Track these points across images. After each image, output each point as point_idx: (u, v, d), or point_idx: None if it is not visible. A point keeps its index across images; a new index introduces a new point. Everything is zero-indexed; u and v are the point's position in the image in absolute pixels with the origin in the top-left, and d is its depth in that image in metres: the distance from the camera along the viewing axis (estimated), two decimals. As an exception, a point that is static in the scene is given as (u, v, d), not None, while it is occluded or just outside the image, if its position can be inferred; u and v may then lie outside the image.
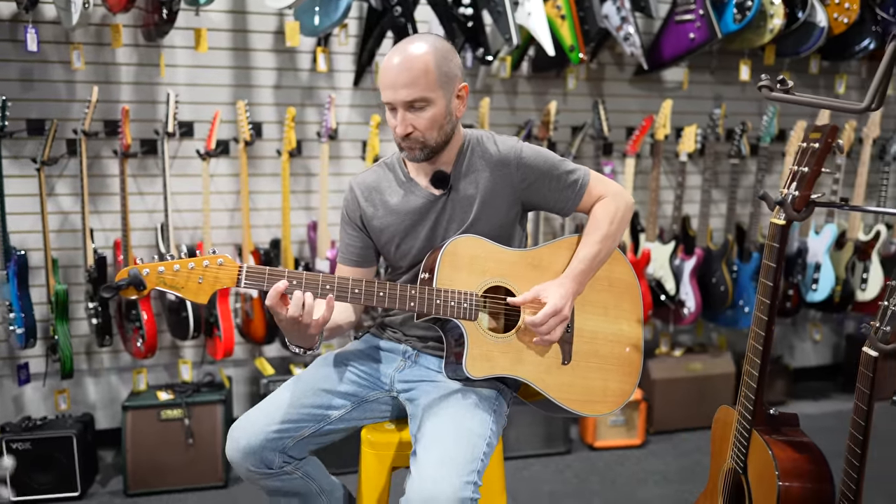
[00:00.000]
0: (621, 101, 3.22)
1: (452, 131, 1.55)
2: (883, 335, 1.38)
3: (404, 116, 1.48)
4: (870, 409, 1.39)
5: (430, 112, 1.48)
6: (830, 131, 1.20)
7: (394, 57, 1.48)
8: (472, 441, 1.40)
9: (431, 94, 1.47)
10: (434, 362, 1.63)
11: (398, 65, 1.46)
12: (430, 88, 1.46)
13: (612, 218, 1.60)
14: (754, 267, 3.15)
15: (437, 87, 1.47)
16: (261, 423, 1.51)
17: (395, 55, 1.48)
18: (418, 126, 1.49)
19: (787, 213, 1.26)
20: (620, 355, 1.64)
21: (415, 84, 1.45)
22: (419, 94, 1.46)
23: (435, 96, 1.47)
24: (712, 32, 2.87)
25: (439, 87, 1.48)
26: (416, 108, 1.48)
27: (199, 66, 2.79)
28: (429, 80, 1.46)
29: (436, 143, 1.52)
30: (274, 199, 2.92)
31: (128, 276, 1.31)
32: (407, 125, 1.49)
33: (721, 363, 3.18)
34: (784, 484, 1.23)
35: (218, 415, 2.66)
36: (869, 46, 3.06)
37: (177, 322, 2.67)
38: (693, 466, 2.84)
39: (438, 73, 1.47)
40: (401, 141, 1.52)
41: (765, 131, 3.15)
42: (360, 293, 1.43)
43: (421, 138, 1.50)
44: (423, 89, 1.46)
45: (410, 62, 1.46)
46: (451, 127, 1.54)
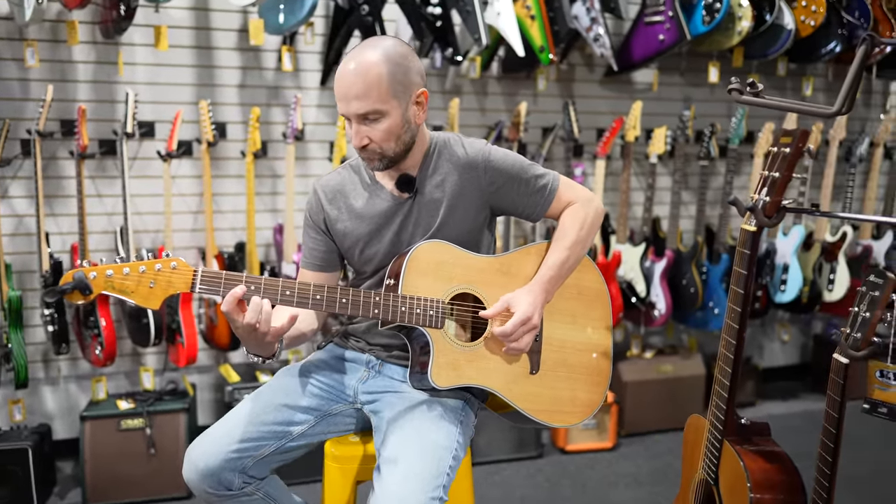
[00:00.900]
0: (591, 102, 3.20)
1: (412, 139, 1.50)
2: (854, 342, 1.37)
3: (359, 129, 1.44)
4: (841, 416, 1.38)
5: (384, 124, 1.43)
6: (801, 136, 1.18)
7: (348, 65, 1.42)
8: (437, 454, 1.35)
9: (384, 106, 1.41)
10: (399, 372, 1.58)
11: (350, 75, 1.40)
12: (383, 100, 1.41)
13: (581, 224, 1.57)
14: (724, 268, 3.16)
15: (391, 97, 1.42)
16: (219, 443, 1.45)
17: (349, 63, 1.42)
18: (374, 138, 1.44)
19: (758, 220, 1.24)
20: (589, 364, 1.61)
21: (366, 96, 1.40)
22: (371, 106, 1.41)
23: (388, 107, 1.42)
24: (682, 34, 2.86)
25: (393, 97, 1.42)
26: (371, 119, 1.43)
27: (160, 64, 2.70)
28: (381, 92, 1.40)
29: (394, 153, 1.47)
30: (238, 202, 2.85)
31: (72, 279, 1.24)
32: (362, 137, 1.44)
33: (691, 365, 3.18)
34: (756, 496, 1.21)
35: (181, 424, 2.59)
36: (835, 49, 3.08)
37: (137, 328, 2.59)
38: (665, 468, 2.83)
39: (392, 83, 1.41)
40: (359, 152, 1.48)
41: (733, 133, 3.16)
42: (322, 299, 1.37)
43: (378, 149, 1.46)
44: (375, 101, 1.40)
45: (362, 73, 1.40)
46: (411, 135, 1.49)
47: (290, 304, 1.36)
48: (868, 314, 1.35)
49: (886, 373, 1.35)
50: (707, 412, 1.37)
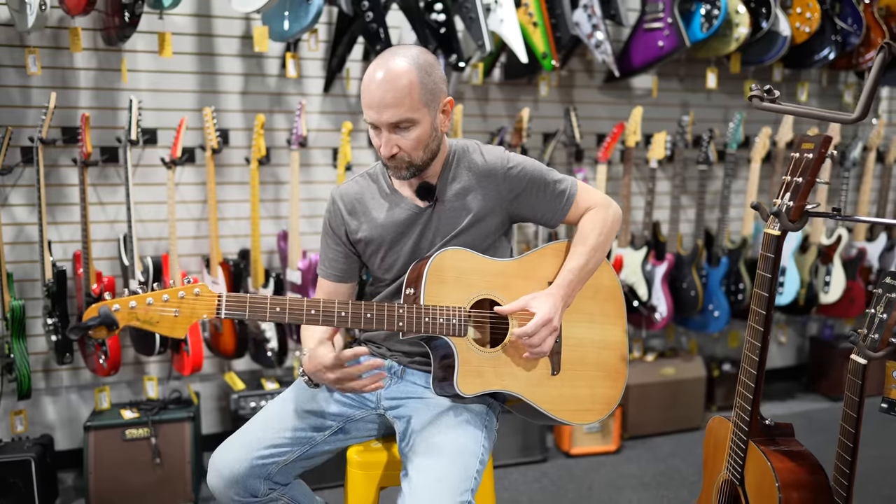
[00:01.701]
0: (591, 107, 3.23)
1: (438, 147, 1.51)
2: (871, 342, 1.39)
3: (389, 138, 1.43)
4: (859, 415, 1.40)
5: (415, 132, 1.43)
6: (824, 142, 1.20)
7: (376, 73, 1.41)
8: (465, 459, 1.36)
9: (416, 115, 1.42)
10: (421, 377, 1.59)
11: (381, 84, 1.40)
12: (415, 108, 1.41)
13: (601, 229, 1.59)
14: (723, 272, 3.20)
15: (422, 105, 1.42)
16: (244, 449, 1.45)
17: (377, 71, 1.41)
18: (403, 147, 1.44)
19: (782, 224, 1.26)
20: (607, 362, 1.63)
21: (399, 105, 1.40)
22: (403, 115, 1.41)
23: (419, 116, 1.42)
24: (681, 40, 2.90)
25: (424, 105, 1.42)
26: (402, 128, 1.43)
27: (162, 71, 2.69)
28: (413, 100, 1.40)
29: (422, 161, 1.48)
30: (241, 209, 2.84)
31: (98, 314, 1.22)
32: (392, 146, 1.44)
33: (692, 367, 3.21)
34: (785, 496, 1.23)
35: (187, 432, 2.57)
36: (829, 55, 3.14)
37: (142, 338, 2.57)
38: (669, 471, 2.86)
39: (423, 92, 1.42)
40: (386, 161, 1.48)
41: (731, 138, 3.20)
42: (347, 316, 1.37)
43: (407, 158, 1.46)
44: (408, 110, 1.40)
45: (393, 81, 1.39)
46: (437, 143, 1.50)
47: (315, 322, 1.36)
48: (885, 315, 1.37)
49: (904, 373, 1.37)
50: (731, 414, 1.39)
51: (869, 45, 3.23)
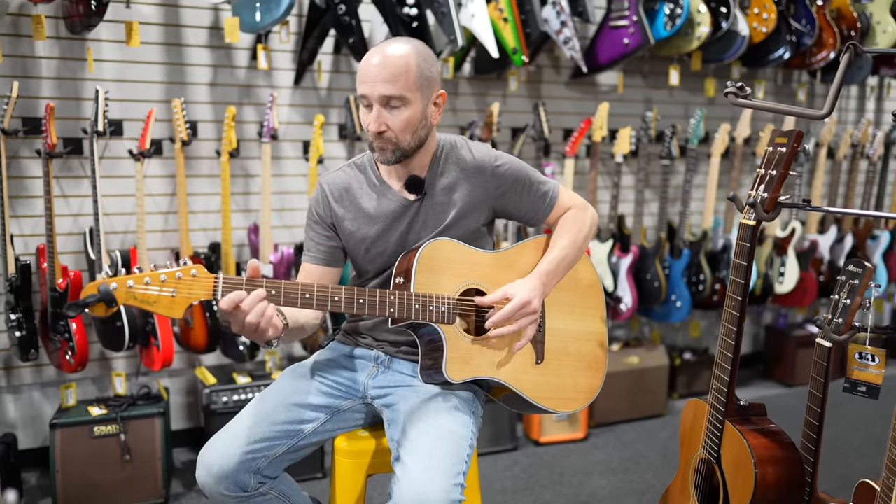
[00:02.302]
0: (558, 103, 3.29)
1: (426, 137, 1.54)
2: (836, 327, 1.47)
3: (379, 113, 1.46)
4: (824, 395, 1.49)
5: (406, 113, 1.47)
6: (796, 137, 1.27)
7: (375, 54, 1.46)
8: (456, 444, 1.39)
9: (409, 94, 1.46)
10: (408, 367, 1.61)
11: (379, 60, 1.45)
12: (409, 88, 1.45)
13: (579, 227, 1.64)
14: (685, 263, 3.30)
15: (416, 88, 1.46)
16: (233, 445, 1.45)
17: (378, 52, 1.46)
18: (392, 125, 1.47)
19: (757, 214, 1.32)
20: (588, 352, 1.68)
21: (394, 81, 1.44)
22: (397, 91, 1.44)
23: (412, 97, 1.46)
24: (645, 38, 2.98)
25: (418, 88, 1.46)
26: (393, 106, 1.46)
27: (128, 61, 2.64)
28: (408, 80, 1.45)
29: (408, 146, 1.50)
30: (210, 202, 2.81)
31: (97, 291, 1.21)
32: (381, 123, 1.47)
33: (656, 356, 3.31)
34: (761, 471, 1.29)
35: (157, 428, 2.53)
36: (784, 55, 3.27)
37: (111, 332, 2.52)
38: (635, 456, 2.94)
39: (419, 75, 1.46)
40: (373, 139, 1.50)
41: (692, 134, 3.31)
42: (340, 301, 1.39)
43: (394, 139, 1.48)
44: (402, 88, 1.44)
45: (392, 59, 1.44)
46: (426, 132, 1.53)
47: (310, 306, 1.36)
48: (848, 301, 1.46)
49: (865, 354, 1.46)
50: (708, 396, 1.45)
51: (821, 46, 3.37)
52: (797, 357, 3.67)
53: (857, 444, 3.01)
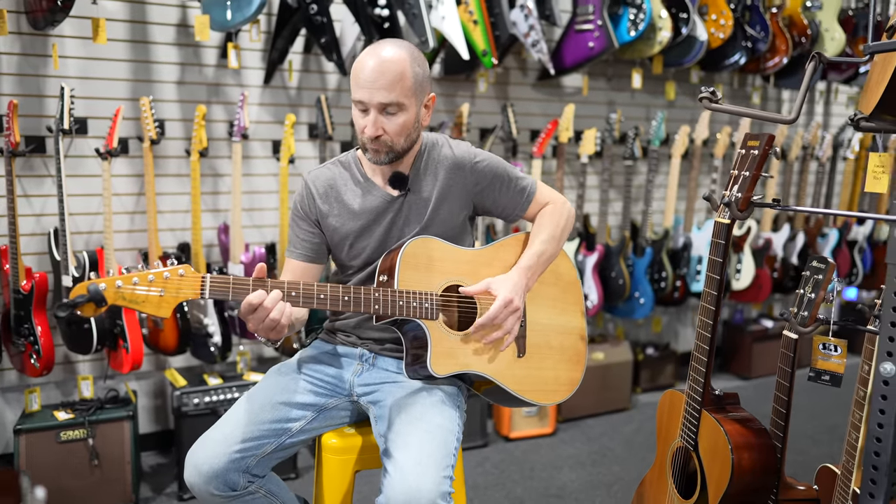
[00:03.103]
0: (525, 104, 3.35)
1: (417, 138, 1.57)
2: (801, 319, 1.56)
3: (376, 119, 1.48)
4: (791, 384, 1.57)
5: (402, 118, 1.49)
6: (768, 140, 1.34)
7: (370, 57, 1.47)
8: (444, 438, 1.42)
9: (405, 101, 1.48)
10: (392, 364, 1.63)
11: (376, 66, 1.46)
12: (406, 94, 1.48)
13: (557, 222, 1.69)
14: (648, 261, 3.40)
15: (412, 94, 1.49)
16: (222, 444, 1.45)
17: (372, 55, 1.47)
18: (388, 130, 1.49)
19: (732, 213, 1.39)
20: (568, 345, 1.73)
21: (392, 88, 1.46)
22: (395, 98, 1.47)
23: (408, 103, 1.49)
24: (610, 42, 3.06)
25: (413, 94, 1.49)
26: (390, 112, 1.48)
27: (92, 58, 2.59)
28: (405, 87, 1.47)
29: (401, 148, 1.54)
30: (178, 201, 2.77)
31: (87, 292, 1.20)
32: (378, 128, 1.49)
33: (620, 352, 3.39)
34: (737, 456, 1.36)
35: (126, 432, 2.49)
36: (740, 60, 3.39)
37: (77, 335, 2.47)
38: (602, 450, 3.02)
39: (414, 81, 1.48)
40: (368, 142, 1.52)
41: (654, 135, 3.41)
42: (326, 298, 1.40)
43: (389, 142, 1.51)
44: (400, 94, 1.47)
45: (389, 64, 1.46)
46: (417, 134, 1.57)
47: (296, 304, 1.38)
48: (813, 295, 1.54)
49: (828, 345, 1.54)
50: (685, 386, 1.52)
51: (774, 52, 3.51)
52: (753, 351, 3.82)
53: (811, 432, 3.15)
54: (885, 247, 4.10)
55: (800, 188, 3.95)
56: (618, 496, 2.64)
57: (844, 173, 4.07)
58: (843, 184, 4.06)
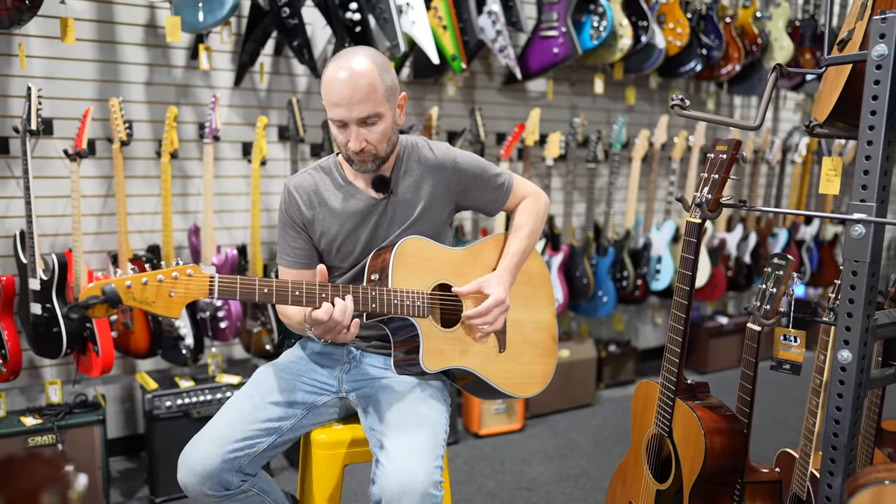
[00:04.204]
0: (491, 108, 3.43)
1: (396, 140, 1.61)
2: (764, 312, 1.66)
3: (358, 132, 1.51)
4: (755, 374, 1.67)
5: (381, 126, 1.53)
6: (735, 145, 1.43)
7: (339, 72, 1.48)
8: (434, 430, 1.47)
9: (382, 109, 1.51)
10: (379, 360, 1.68)
11: (348, 82, 1.47)
12: (380, 103, 1.51)
13: (536, 216, 1.76)
14: (610, 261, 3.51)
15: (385, 100, 1.52)
16: (216, 444, 1.47)
17: (340, 70, 1.48)
18: (371, 140, 1.53)
19: (703, 214, 1.48)
20: (542, 340, 1.80)
21: (367, 100, 1.48)
22: (373, 109, 1.50)
23: (384, 110, 1.52)
24: (573, 49, 3.16)
25: (386, 100, 1.53)
26: (369, 123, 1.51)
27: (58, 58, 2.55)
28: (379, 96, 1.50)
29: (385, 153, 1.58)
30: (146, 203, 2.75)
31: (101, 293, 1.20)
32: (361, 141, 1.52)
33: (584, 349, 3.50)
34: (710, 441, 1.45)
35: (96, 436, 2.46)
36: (696, 67, 3.54)
37: (45, 339, 2.43)
38: (569, 444, 3.11)
39: (384, 88, 1.52)
40: (354, 155, 1.55)
41: (615, 139, 3.52)
42: (327, 297, 1.44)
43: (374, 151, 1.55)
44: (376, 105, 1.50)
45: (360, 79, 1.48)
46: (396, 136, 1.61)
47: (299, 303, 1.41)
48: (774, 290, 1.64)
49: (788, 336, 1.65)
50: (659, 377, 1.60)
51: (728, 59, 3.67)
52: (709, 346, 3.97)
53: (765, 423, 3.30)
54: (831, 246, 4.32)
55: (751, 190, 4.13)
56: (585, 488, 2.73)
57: (793, 175, 4.27)
58: (792, 185, 4.26)
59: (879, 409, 1.85)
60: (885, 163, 1.30)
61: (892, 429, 1.87)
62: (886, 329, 1.42)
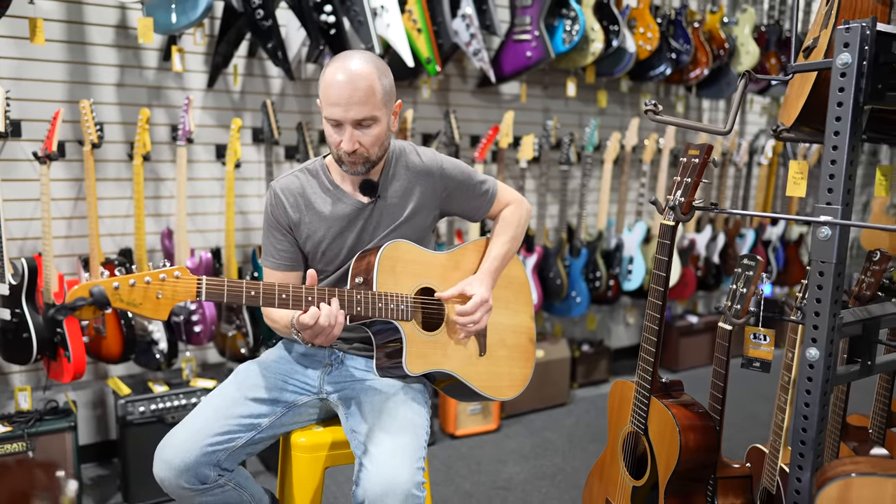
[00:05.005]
0: (465, 110, 3.45)
1: (389, 146, 1.63)
2: (735, 312, 1.70)
3: (352, 134, 1.52)
4: (726, 372, 1.71)
5: (376, 130, 1.54)
6: (707, 149, 1.47)
7: (338, 74, 1.49)
8: (416, 431, 1.49)
9: (378, 113, 1.52)
10: (361, 362, 1.68)
11: (347, 83, 1.48)
12: (378, 107, 1.52)
13: (517, 222, 1.79)
14: (583, 262, 3.56)
15: (383, 105, 1.53)
16: (193, 438, 1.47)
17: (339, 72, 1.49)
18: (364, 143, 1.54)
19: (676, 216, 1.52)
20: (521, 344, 1.83)
21: (366, 103, 1.49)
22: (370, 112, 1.50)
23: (381, 114, 1.53)
24: (546, 52, 3.20)
25: (384, 105, 1.54)
26: (364, 125, 1.52)
27: (27, 58, 2.51)
28: (377, 100, 1.51)
29: (377, 157, 1.59)
30: (117, 206, 2.72)
31: (89, 294, 1.19)
32: (354, 142, 1.52)
33: (558, 349, 3.54)
34: (684, 437, 1.49)
35: (68, 443, 2.43)
36: (665, 71, 3.60)
37: (15, 344, 2.38)
38: (544, 443, 3.15)
39: (383, 92, 1.53)
40: (345, 156, 1.55)
41: (588, 141, 3.57)
42: (314, 300, 1.44)
43: (365, 154, 1.55)
44: (373, 108, 1.51)
45: (359, 80, 1.48)
46: (389, 141, 1.62)
47: (286, 306, 1.41)
48: (745, 290, 1.69)
49: (758, 335, 1.69)
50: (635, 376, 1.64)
51: (696, 63, 3.74)
52: (680, 345, 4.05)
53: (736, 420, 3.38)
54: (796, 245, 4.43)
55: (719, 191, 4.22)
56: (561, 486, 2.77)
57: (759, 178, 4.37)
58: (759, 187, 4.36)
59: (844, 405, 1.91)
60: (849, 167, 1.34)
61: (857, 423, 1.94)
62: (852, 327, 1.47)
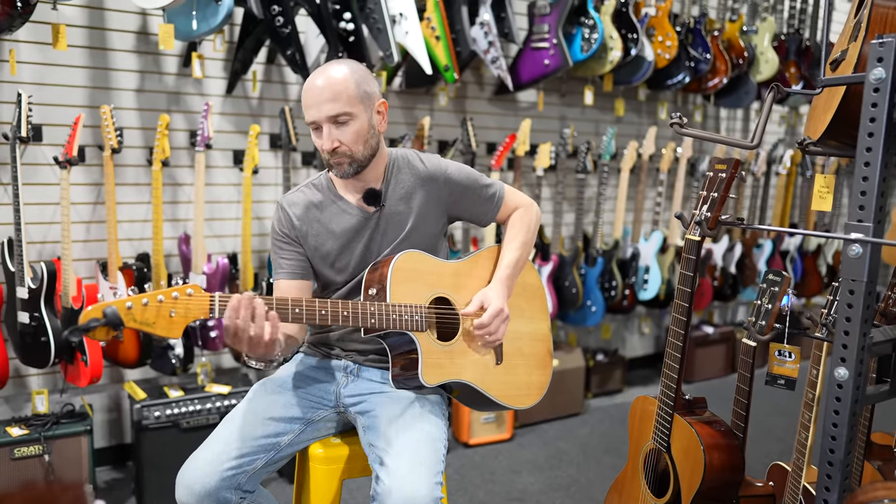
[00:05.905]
0: (481, 118, 3.44)
1: (377, 145, 1.63)
2: (759, 328, 1.68)
3: (330, 132, 1.54)
4: (750, 388, 1.69)
5: (353, 126, 1.55)
6: (735, 164, 1.45)
7: (315, 79, 1.55)
8: (434, 445, 1.47)
9: (353, 109, 1.55)
10: (376, 374, 1.67)
11: (319, 85, 1.53)
12: (351, 103, 1.54)
13: (528, 227, 1.77)
14: (599, 271, 3.53)
15: (357, 102, 1.55)
16: (213, 462, 1.46)
17: (317, 77, 1.55)
18: (344, 140, 1.55)
19: (702, 231, 1.50)
20: (538, 351, 1.81)
21: (336, 99, 1.53)
22: (341, 108, 1.53)
23: (356, 111, 1.55)
24: (564, 60, 3.18)
25: (359, 101, 1.56)
26: (340, 122, 1.54)
27: (48, 64, 2.52)
28: (349, 96, 1.54)
29: (363, 156, 1.59)
30: (135, 211, 2.73)
31: (103, 315, 1.18)
32: (333, 140, 1.55)
33: (573, 358, 3.51)
34: (709, 456, 1.46)
35: (84, 447, 2.43)
36: (684, 80, 3.58)
37: (34, 348, 2.39)
38: (558, 453, 3.12)
39: (358, 91, 1.55)
40: (329, 157, 1.57)
41: (605, 150, 3.55)
42: (327, 314, 1.43)
43: (348, 152, 1.57)
44: (345, 104, 1.53)
45: (330, 79, 1.54)
46: (376, 141, 1.62)
47: (299, 321, 1.41)
48: (770, 306, 1.67)
49: (783, 352, 1.67)
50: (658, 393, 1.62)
51: (715, 72, 3.72)
52: (695, 356, 4.01)
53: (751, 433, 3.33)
54: (814, 256, 4.38)
55: (737, 202, 4.18)
56: (576, 497, 2.74)
57: (777, 187, 4.33)
58: (777, 197, 4.32)
59: (869, 423, 1.88)
60: (881, 183, 1.32)
61: (881, 442, 1.90)
62: (882, 346, 1.44)
